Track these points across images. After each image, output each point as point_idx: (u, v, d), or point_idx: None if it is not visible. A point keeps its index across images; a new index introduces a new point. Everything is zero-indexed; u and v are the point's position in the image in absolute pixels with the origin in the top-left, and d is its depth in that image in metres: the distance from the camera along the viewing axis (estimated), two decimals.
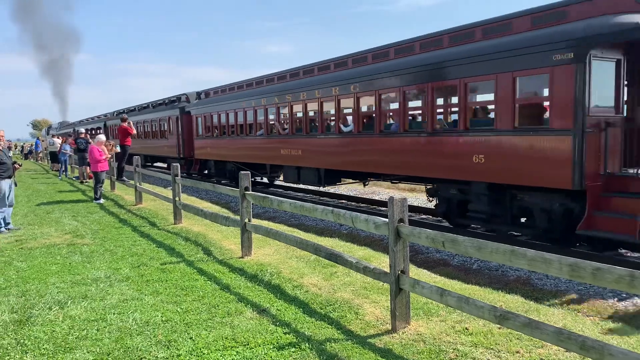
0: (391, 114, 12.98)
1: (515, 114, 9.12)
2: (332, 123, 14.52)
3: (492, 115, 9.77)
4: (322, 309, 5.22)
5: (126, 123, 17.65)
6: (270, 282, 6.18)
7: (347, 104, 13.63)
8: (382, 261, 6.75)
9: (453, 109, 11.04)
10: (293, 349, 4.27)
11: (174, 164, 10.92)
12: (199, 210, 9.79)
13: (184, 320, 4.99)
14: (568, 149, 8.26)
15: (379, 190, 20.16)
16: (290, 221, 13.99)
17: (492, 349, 4.13)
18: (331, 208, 5.56)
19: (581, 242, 9.12)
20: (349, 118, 13.80)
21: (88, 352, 4.34)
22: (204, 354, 4.26)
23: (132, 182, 14.77)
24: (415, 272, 6.42)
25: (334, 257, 5.55)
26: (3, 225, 10.17)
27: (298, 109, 15.63)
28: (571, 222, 8.73)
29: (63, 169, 23.59)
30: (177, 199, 10.50)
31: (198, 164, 23.62)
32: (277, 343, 4.40)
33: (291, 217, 14.70)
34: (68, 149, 23.80)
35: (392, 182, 15.20)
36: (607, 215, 8.09)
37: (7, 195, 10.12)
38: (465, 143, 10.05)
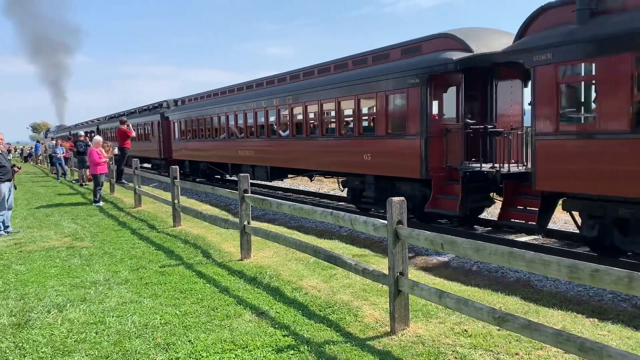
0: (313, 121, 15.77)
1: (388, 123, 12.42)
2: (275, 128, 17.59)
3: (373, 124, 13.18)
4: (321, 311, 5.21)
5: (125, 125, 17.64)
6: (269, 285, 6.17)
7: (284, 112, 16.97)
8: (381, 263, 6.74)
9: (351, 119, 14.05)
10: (292, 352, 4.26)
11: (173, 167, 10.91)
12: (198, 212, 9.78)
13: (182, 323, 4.98)
14: (417, 148, 11.47)
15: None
16: (289, 223, 13.99)
17: (491, 350, 4.13)
18: (330, 210, 5.56)
19: (426, 218, 12.18)
20: (287, 124, 16.96)
21: (87, 356, 4.33)
22: (202, 356, 4.25)
23: (131, 184, 14.77)
24: (415, 274, 6.41)
25: (333, 259, 5.54)
26: (2, 228, 10.16)
27: (250, 116, 19.02)
28: (424, 203, 11.79)
29: (62, 172, 23.48)
30: (176, 201, 10.50)
31: (176, 164, 25.07)
32: (276, 346, 4.39)
33: (290, 219, 14.70)
34: (59, 152, 23.58)
35: (325, 177, 19.83)
36: (444, 197, 11.39)
37: (6, 198, 10.12)
38: (360, 145, 13.42)
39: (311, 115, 15.63)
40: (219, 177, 24.90)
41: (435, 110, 11.46)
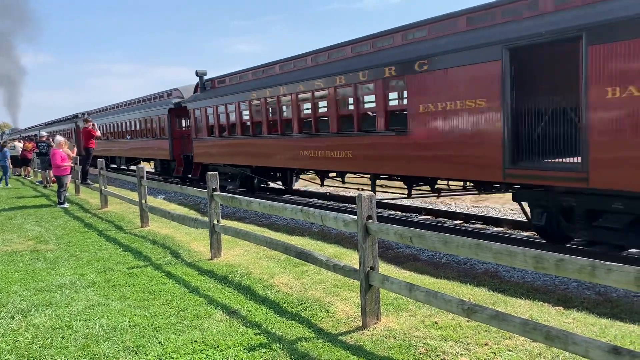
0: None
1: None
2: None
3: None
4: (293, 309, 5.20)
5: (90, 125, 17.24)
6: (240, 283, 6.13)
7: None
8: (352, 258, 6.77)
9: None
10: (264, 350, 4.24)
11: (139, 166, 10.73)
12: (166, 212, 9.64)
13: (152, 325, 4.91)
14: None
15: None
16: (260, 221, 13.92)
17: (461, 341, 4.19)
18: (300, 207, 5.55)
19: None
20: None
21: None
22: (173, 358, 4.20)
23: (97, 185, 14.46)
24: (385, 268, 6.45)
25: (305, 256, 5.54)
26: None
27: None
28: None
29: (8, 175, 21.52)
30: (143, 201, 10.32)
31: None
32: (248, 344, 4.37)
33: (262, 217, 14.63)
34: (8, 154, 22.58)
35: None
36: None
37: None
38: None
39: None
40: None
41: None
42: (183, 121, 22.69)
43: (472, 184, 10.56)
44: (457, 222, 12.46)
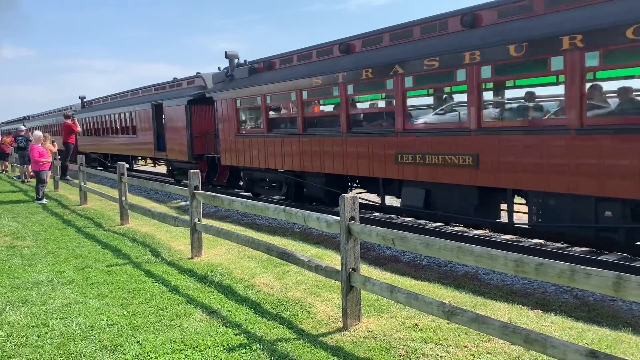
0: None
1: None
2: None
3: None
4: (273, 309, 5.17)
5: (70, 120, 17.00)
6: (221, 283, 6.08)
7: None
8: (334, 259, 6.76)
9: None
10: (244, 351, 4.21)
11: (120, 163, 10.60)
12: (146, 210, 9.54)
13: (130, 324, 4.84)
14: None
15: None
16: (242, 220, 13.84)
17: (441, 344, 4.20)
18: (283, 207, 5.52)
19: None
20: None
21: None
22: (151, 357, 4.15)
23: (76, 181, 14.26)
24: (367, 270, 6.46)
25: (286, 256, 5.52)
26: None
27: None
28: None
29: None
30: (123, 198, 10.20)
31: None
32: (228, 345, 4.33)
33: (243, 216, 14.55)
34: None
35: None
36: None
37: None
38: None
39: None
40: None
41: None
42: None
43: None
44: (438, 224, 12.52)
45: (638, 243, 8.08)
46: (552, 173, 7.79)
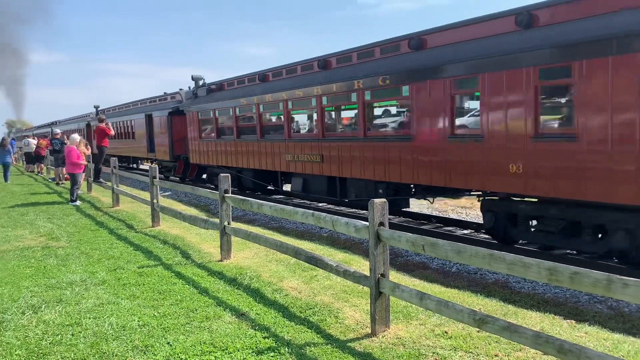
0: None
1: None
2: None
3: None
4: (301, 313, 5.18)
5: (104, 124, 17.37)
6: (249, 286, 6.12)
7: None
8: (362, 264, 6.74)
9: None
10: (272, 354, 4.23)
11: (152, 166, 10.78)
12: (177, 212, 9.67)
13: (161, 325, 4.91)
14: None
15: None
16: (270, 224, 13.91)
17: (471, 352, 4.15)
18: (312, 211, 5.54)
19: None
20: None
21: (62, 358, 4.25)
22: (181, 359, 4.20)
23: (109, 183, 14.56)
24: (395, 276, 6.43)
25: (314, 261, 5.52)
26: None
27: None
28: None
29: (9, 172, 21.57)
30: (155, 201, 10.37)
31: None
32: (256, 347, 4.36)
33: (271, 220, 14.63)
34: (12, 151, 22.32)
35: None
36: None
37: None
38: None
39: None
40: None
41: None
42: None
43: None
44: (467, 231, 12.38)
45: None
46: (353, 165, 12.26)
